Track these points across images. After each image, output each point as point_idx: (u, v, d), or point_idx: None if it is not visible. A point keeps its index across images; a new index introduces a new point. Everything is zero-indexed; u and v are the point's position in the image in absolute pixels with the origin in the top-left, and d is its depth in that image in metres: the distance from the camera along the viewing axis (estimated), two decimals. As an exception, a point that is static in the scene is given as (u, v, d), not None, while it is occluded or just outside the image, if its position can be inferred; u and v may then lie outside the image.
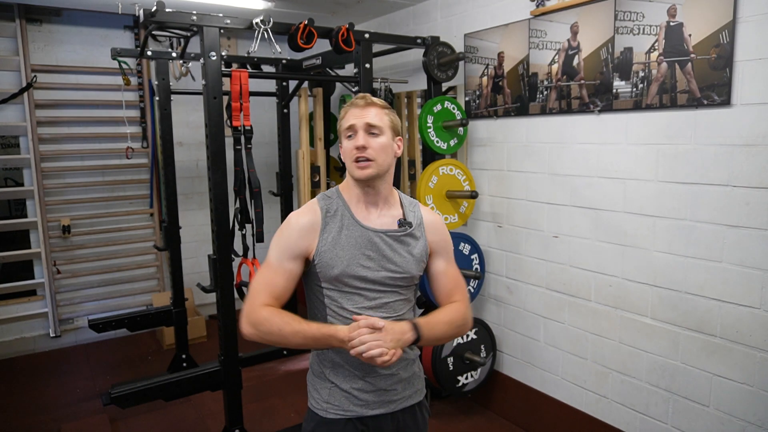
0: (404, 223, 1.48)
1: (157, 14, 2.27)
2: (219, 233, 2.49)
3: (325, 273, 1.41)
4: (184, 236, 3.77)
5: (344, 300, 1.43)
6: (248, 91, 2.55)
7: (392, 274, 1.44)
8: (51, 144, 4.06)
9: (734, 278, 2.05)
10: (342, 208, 1.46)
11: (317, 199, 1.49)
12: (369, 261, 1.42)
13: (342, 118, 1.46)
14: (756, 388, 2.02)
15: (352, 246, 1.42)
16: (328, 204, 1.47)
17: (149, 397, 2.60)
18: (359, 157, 1.40)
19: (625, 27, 2.30)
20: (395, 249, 1.45)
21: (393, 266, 1.44)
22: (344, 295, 1.43)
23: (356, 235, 1.42)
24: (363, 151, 1.40)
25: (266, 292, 1.40)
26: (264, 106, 4.62)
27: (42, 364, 3.97)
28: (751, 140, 1.96)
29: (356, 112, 1.43)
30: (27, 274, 4.18)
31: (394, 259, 1.44)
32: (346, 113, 1.45)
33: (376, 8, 3.65)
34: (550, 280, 2.80)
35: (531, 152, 2.83)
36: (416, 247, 1.48)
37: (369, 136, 1.41)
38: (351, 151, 1.42)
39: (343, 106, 1.49)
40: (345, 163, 1.46)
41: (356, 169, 1.41)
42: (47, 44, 3.99)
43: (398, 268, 1.45)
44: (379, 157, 1.41)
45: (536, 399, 2.94)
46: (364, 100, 1.44)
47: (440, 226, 1.56)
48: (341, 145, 1.48)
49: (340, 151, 1.51)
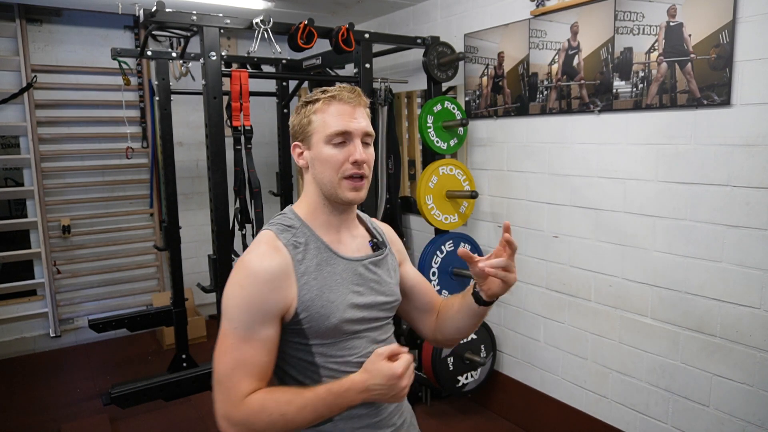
0: (378, 244, 1.25)
1: (157, 14, 2.27)
2: (219, 233, 2.49)
3: (318, 327, 1.10)
4: (184, 236, 3.77)
5: (342, 352, 1.13)
6: (248, 91, 2.55)
7: (384, 305, 1.21)
8: (51, 144, 4.06)
9: (734, 278, 2.05)
10: (312, 238, 1.15)
11: (274, 233, 1.13)
12: (360, 297, 1.15)
13: (318, 111, 1.13)
14: (756, 388, 2.02)
15: (340, 284, 1.13)
16: (293, 237, 1.13)
17: (149, 397, 2.61)
18: (356, 174, 1.11)
19: (625, 27, 2.30)
20: (379, 275, 1.21)
21: (383, 297, 1.20)
22: (342, 344, 1.13)
23: (339, 271, 1.14)
24: (361, 167, 1.12)
25: (246, 377, 1.04)
26: (264, 106, 4.62)
27: (42, 364, 3.98)
28: (751, 140, 1.96)
29: (348, 112, 1.12)
30: (27, 274, 4.18)
31: (383, 288, 1.21)
32: (327, 109, 1.12)
33: (376, 8, 3.65)
34: (550, 280, 2.80)
35: (531, 152, 2.83)
36: (392, 268, 1.27)
37: (364, 147, 1.13)
38: (343, 164, 1.11)
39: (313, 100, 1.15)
40: (321, 177, 1.13)
41: (348, 191, 1.12)
42: (47, 44, 3.99)
43: (388, 298, 1.22)
44: (370, 174, 1.16)
45: (536, 399, 2.94)
46: (356, 95, 1.14)
47: (393, 232, 1.38)
48: (309, 146, 1.15)
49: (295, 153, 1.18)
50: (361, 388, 1.03)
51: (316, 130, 1.13)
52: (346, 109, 1.12)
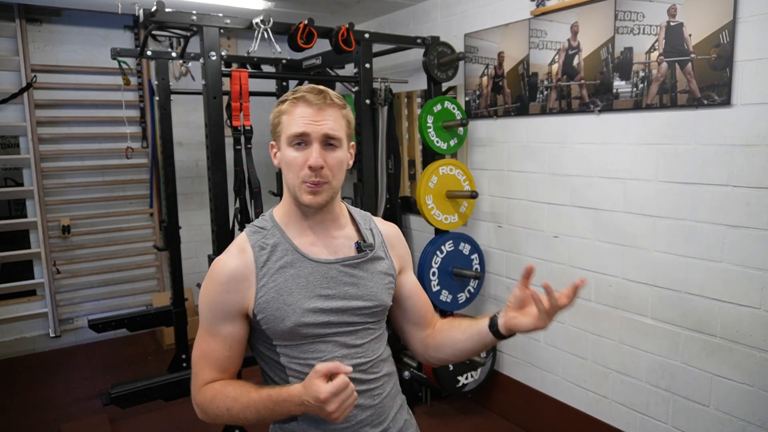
0: (364, 246, 1.19)
1: (157, 14, 2.27)
2: (219, 233, 2.49)
3: (274, 328, 1.10)
4: (184, 236, 3.76)
5: (306, 354, 1.12)
6: (248, 91, 2.55)
7: (360, 310, 1.16)
8: (51, 144, 4.06)
9: (734, 278, 2.05)
10: (281, 240, 1.14)
11: (246, 234, 1.17)
12: (328, 301, 1.12)
13: (285, 113, 1.12)
14: (756, 388, 2.02)
15: (303, 287, 1.11)
16: (262, 239, 1.14)
17: (149, 397, 2.61)
18: (311, 178, 1.09)
19: (625, 27, 2.30)
20: (358, 278, 1.17)
21: (359, 301, 1.15)
22: (305, 348, 1.12)
23: (306, 273, 1.12)
24: (318, 172, 1.09)
25: (208, 367, 1.12)
26: (264, 106, 4.62)
27: (42, 364, 3.97)
28: (751, 140, 1.96)
29: (310, 114, 1.09)
30: (27, 274, 4.18)
31: (359, 292, 1.16)
32: (292, 111, 1.11)
33: (376, 8, 3.65)
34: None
35: (531, 152, 2.83)
36: (382, 272, 1.21)
37: (325, 150, 1.10)
38: (300, 167, 1.10)
39: (283, 100, 1.14)
40: (286, 177, 1.14)
41: (305, 194, 1.10)
42: (47, 44, 3.99)
43: (366, 303, 1.16)
44: (335, 177, 1.12)
45: (536, 399, 2.94)
46: (321, 98, 1.10)
47: (399, 235, 1.32)
48: (277, 148, 1.16)
49: (272, 152, 1.18)
50: (297, 401, 1.00)
51: (283, 130, 1.12)
52: (309, 111, 1.10)
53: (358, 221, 1.26)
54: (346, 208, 1.27)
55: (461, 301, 3.04)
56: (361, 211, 1.30)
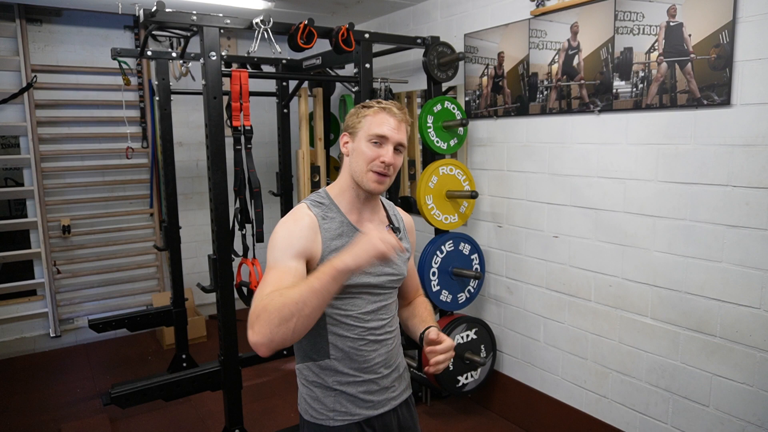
0: (394, 228, 1.51)
1: (157, 14, 2.27)
2: (219, 233, 2.49)
3: None
4: (184, 236, 3.77)
5: (345, 305, 1.39)
6: (248, 91, 2.55)
7: (391, 277, 1.45)
8: (51, 144, 4.06)
9: (734, 278, 2.05)
10: (338, 214, 1.41)
11: (308, 206, 1.41)
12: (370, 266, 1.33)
13: (369, 116, 1.40)
14: (756, 388, 2.02)
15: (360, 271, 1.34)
16: (324, 211, 1.40)
17: (149, 397, 2.61)
18: (381, 171, 1.37)
19: (625, 27, 2.30)
20: None
21: (390, 269, 1.45)
22: (344, 300, 1.38)
23: None
24: (387, 168, 1.38)
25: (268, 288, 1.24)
26: (264, 106, 4.63)
27: (42, 364, 3.98)
28: (751, 140, 1.96)
29: (392, 124, 1.38)
30: (27, 274, 4.19)
31: (391, 263, 1.45)
32: (376, 116, 1.39)
33: (376, 8, 3.65)
34: (550, 280, 2.80)
35: (531, 152, 2.83)
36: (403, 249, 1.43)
37: (395, 153, 1.39)
38: (375, 161, 1.37)
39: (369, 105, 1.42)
40: (355, 166, 1.41)
41: (372, 182, 1.38)
42: (47, 44, 3.99)
43: (395, 271, 1.46)
44: (394, 175, 1.42)
45: (536, 399, 2.94)
46: (402, 114, 1.41)
47: (413, 225, 1.63)
48: (353, 139, 1.42)
49: (342, 141, 1.45)
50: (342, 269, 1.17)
51: (363, 128, 1.39)
52: (391, 121, 1.39)
53: (387, 209, 1.55)
54: (379, 198, 1.53)
55: (461, 301, 3.04)
56: (389, 201, 1.60)
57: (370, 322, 1.42)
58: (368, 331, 1.42)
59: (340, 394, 1.42)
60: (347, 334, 1.40)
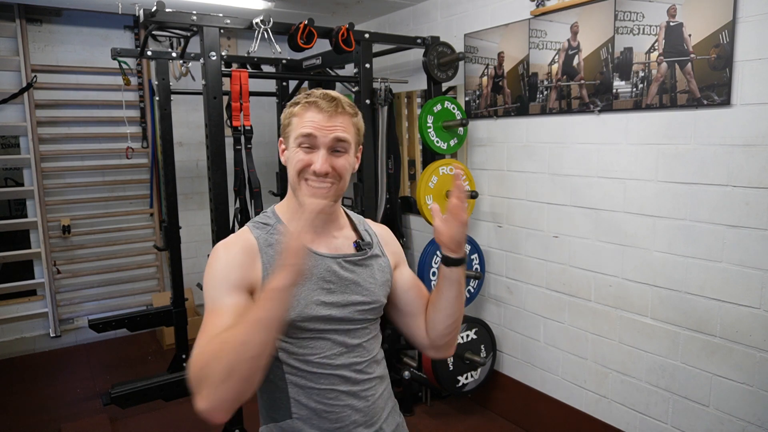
0: (363, 245, 1.24)
1: (157, 14, 2.27)
2: (219, 233, 2.50)
3: None
4: (184, 236, 3.76)
5: (305, 350, 1.12)
6: (248, 91, 2.55)
7: (360, 306, 1.18)
8: (51, 144, 4.06)
9: (734, 278, 2.05)
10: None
11: (249, 228, 1.18)
12: (330, 295, 1.14)
13: (295, 115, 1.15)
14: (756, 388, 2.02)
15: (306, 279, 1.12)
16: (266, 234, 1.16)
17: (149, 397, 2.61)
18: (313, 182, 1.13)
19: (625, 27, 2.30)
20: (358, 275, 1.19)
21: (359, 297, 1.18)
22: (303, 343, 1.11)
23: (309, 266, 1.13)
24: (323, 178, 1.12)
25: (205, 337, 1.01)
26: (264, 106, 4.62)
27: (42, 364, 3.98)
28: (751, 140, 1.96)
29: (320, 120, 1.12)
30: (27, 274, 4.18)
31: (359, 288, 1.18)
32: (305, 110, 1.14)
33: (376, 8, 3.65)
34: (550, 280, 2.80)
35: (531, 152, 2.83)
36: (379, 270, 1.24)
37: (332, 155, 1.13)
38: (303, 168, 1.13)
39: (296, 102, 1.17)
40: (289, 174, 1.17)
41: (307, 196, 1.12)
42: (47, 44, 3.99)
43: (365, 298, 1.19)
44: (340, 181, 1.15)
45: (536, 399, 2.94)
46: (333, 105, 1.13)
47: (391, 234, 1.37)
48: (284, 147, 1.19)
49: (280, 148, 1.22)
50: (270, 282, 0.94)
51: (292, 130, 1.16)
52: (319, 117, 1.12)
53: (354, 222, 1.30)
54: (344, 211, 1.30)
55: (461, 301, 3.04)
56: (355, 214, 1.34)
57: (340, 369, 1.13)
58: (340, 380, 1.13)
59: None
60: (312, 385, 1.12)
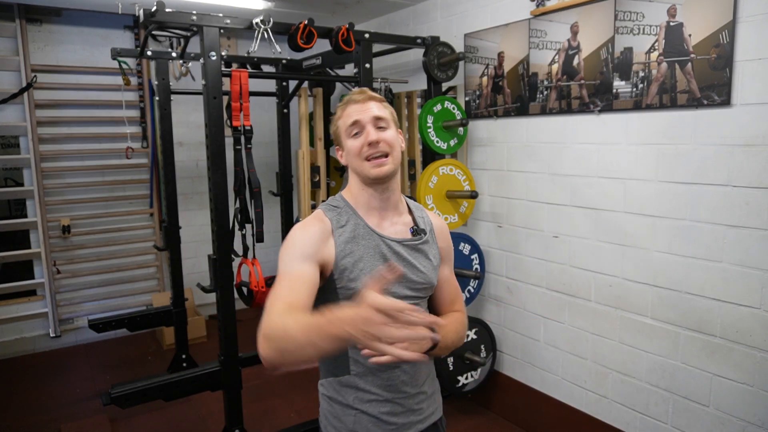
0: (418, 231, 1.38)
1: (157, 14, 2.27)
2: (219, 233, 2.49)
3: (346, 287, 1.26)
4: (184, 236, 3.76)
5: None
6: (248, 91, 2.55)
7: (416, 285, 1.34)
8: (51, 144, 4.06)
9: (734, 278, 2.05)
10: (353, 216, 1.33)
11: (323, 211, 1.34)
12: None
13: (339, 118, 1.35)
14: (756, 388, 2.02)
15: (372, 257, 1.28)
16: (337, 215, 1.32)
17: (149, 397, 2.60)
18: (373, 153, 1.28)
19: (625, 27, 2.30)
20: (415, 258, 1.35)
21: (415, 277, 1.33)
22: None
23: (374, 245, 1.30)
24: (377, 146, 1.28)
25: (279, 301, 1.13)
26: (264, 106, 4.62)
27: (42, 364, 3.98)
28: (751, 140, 1.96)
29: (357, 108, 1.31)
30: (27, 274, 4.18)
31: (414, 270, 1.33)
32: (344, 110, 1.34)
33: (376, 8, 3.65)
34: (550, 280, 2.80)
35: (531, 152, 2.83)
36: (432, 255, 1.39)
37: (378, 130, 1.30)
38: (361, 149, 1.29)
39: (336, 112, 1.37)
40: (352, 165, 1.34)
41: (372, 168, 1.28)
42: (47, 44, 3.99)
43: (421, 279, 1.35)
44: (393, 151, 1.31)
45: (536, 399, 2.94)
46: (363, 95, 1.34)
47: (447, 231, 1.50)
48: (342, 147, 1.36)
49: (338, 155, 1.39)
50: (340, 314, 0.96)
51: (341, 131, 1.34)
52: (356, 107, 1.32)
53: (413, 211, 1.44)
54: (404, 199, 1.44)
55: (461, 301, 3.04)
56: (417, 204, 1.48)
57: None
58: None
59: (360, 414, 1.32)
60: None
